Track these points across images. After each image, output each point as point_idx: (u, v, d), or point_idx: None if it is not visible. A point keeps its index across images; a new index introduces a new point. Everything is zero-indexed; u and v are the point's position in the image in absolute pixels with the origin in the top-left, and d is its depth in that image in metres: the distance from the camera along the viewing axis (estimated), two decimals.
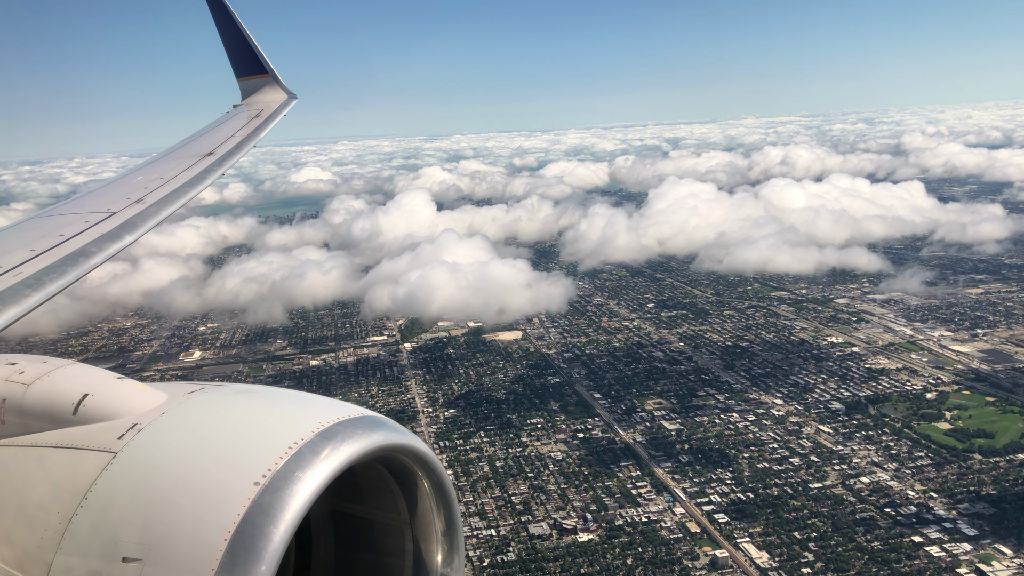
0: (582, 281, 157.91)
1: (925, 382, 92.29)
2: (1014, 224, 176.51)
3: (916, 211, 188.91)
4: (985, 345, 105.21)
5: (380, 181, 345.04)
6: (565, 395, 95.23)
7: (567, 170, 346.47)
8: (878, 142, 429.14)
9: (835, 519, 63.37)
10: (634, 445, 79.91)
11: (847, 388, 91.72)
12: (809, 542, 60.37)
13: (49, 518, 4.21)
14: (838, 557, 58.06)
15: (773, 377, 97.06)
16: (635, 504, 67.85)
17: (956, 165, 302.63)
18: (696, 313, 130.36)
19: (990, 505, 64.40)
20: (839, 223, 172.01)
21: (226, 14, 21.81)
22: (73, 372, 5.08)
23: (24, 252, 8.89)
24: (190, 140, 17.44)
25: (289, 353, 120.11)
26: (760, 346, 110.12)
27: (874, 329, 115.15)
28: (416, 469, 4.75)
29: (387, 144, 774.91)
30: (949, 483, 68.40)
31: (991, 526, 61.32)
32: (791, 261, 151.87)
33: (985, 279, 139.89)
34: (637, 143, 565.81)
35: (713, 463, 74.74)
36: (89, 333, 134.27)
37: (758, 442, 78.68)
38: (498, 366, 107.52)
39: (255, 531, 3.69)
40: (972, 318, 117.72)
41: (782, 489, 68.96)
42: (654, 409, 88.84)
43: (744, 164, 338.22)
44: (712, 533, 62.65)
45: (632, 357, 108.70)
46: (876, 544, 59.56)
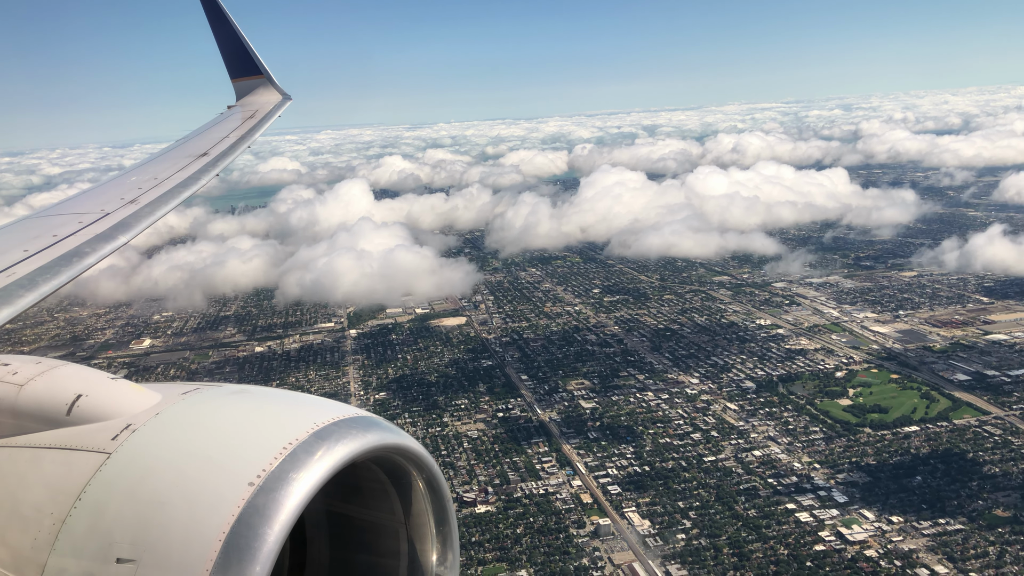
0: (535, 268, 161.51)
1: (838, 361, 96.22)
2: (917, 209, 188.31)
3: (832, 197, 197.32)
4: (904, 326, 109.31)
5: (343, 171, 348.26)
6: (494, 377, 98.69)
7: (526, 159, 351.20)
8: (842, 129, 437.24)
9: (719, 489, 67.16)
10: (549, 423, 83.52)
11: (763, 368, 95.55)
12: (690, 511, 64.15)
13: (43, 519, 4.19)
14: (713, 524, 61.85)
15: (695, 358, 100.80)
16: (537, 478, 71.48)
17: (900, 151, 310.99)
18: (637, 298, 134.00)
19: (866, 474, 68.41)
20: (750, 210, 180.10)
21: (221, 16, 22.22)
22: (67, 372, 5.06)
23: (18, 252, 8.97)
24: (184, 141, 17.65)
25: (237, 340, 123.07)
26: (690, 329, 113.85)
27: (804, 312, 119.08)
28: (411, 469, 4.78)
29: (369, 133, 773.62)
30: (834, 455, 72.35)
31: (862, 493, 65.30)
32: (693, 246, 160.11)
33: (870, 264, 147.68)
34: (614, 131, 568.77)
35: (619, 439, 78.41)
36: (44, 323, 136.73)
37: (665, 419, 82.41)
38: (436, 351, 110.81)
39: (249, 532, 3.71)
40: (899, 300, 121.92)
41: (677, 463, 72.70)
42: (575, 389, 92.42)
43: (698, 152, 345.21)
44: (603, 503, 66.36)
45: (566, 340, 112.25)
46: (752, 512, 63.42)
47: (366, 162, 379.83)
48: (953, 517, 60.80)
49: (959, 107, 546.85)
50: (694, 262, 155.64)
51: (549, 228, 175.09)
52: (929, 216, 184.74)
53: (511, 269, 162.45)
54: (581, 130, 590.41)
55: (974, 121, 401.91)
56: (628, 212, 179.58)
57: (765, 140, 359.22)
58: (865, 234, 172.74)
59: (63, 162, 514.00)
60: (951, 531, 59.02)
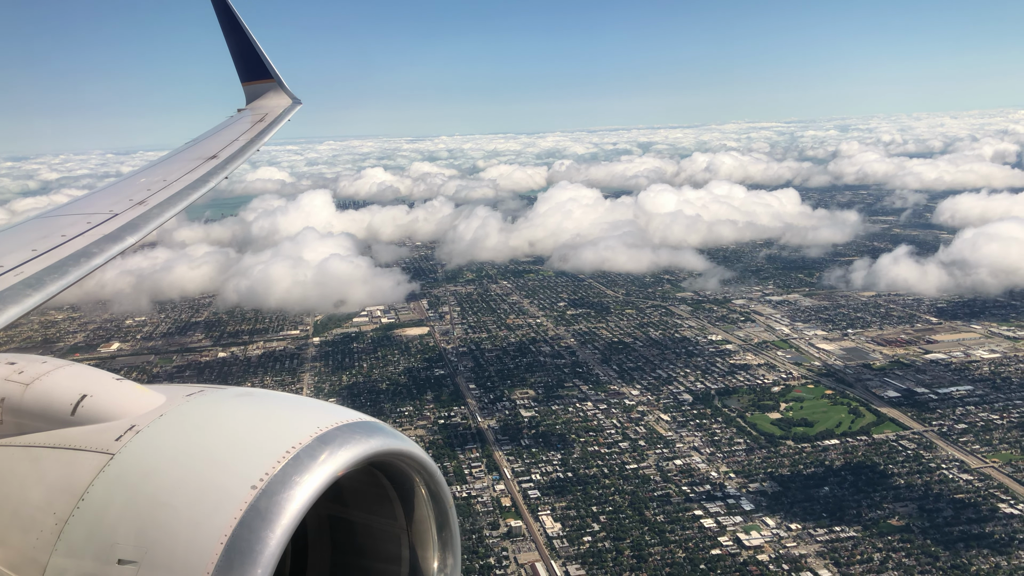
0: (506, 281, 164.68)
1: (777, 376, 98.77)
2: (853, 230, 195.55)
3: (777, 217, 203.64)
4: (850, 344, 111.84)
5: (326, 181, 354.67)
6: (444, 386, 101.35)
7: (505, 173, 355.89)
8: (826, 150, 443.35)
9: (634, 496, 69.70)
10: (486, 431, 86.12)
11: (704, 381, 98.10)
12: (602, 515, 66.65)
13: (45, 519, 4.21)
14: (621, 528, 64.35)
15: (641, 371, 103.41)
16: (463, 482, 74.04)
17: (867, 173, 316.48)
18: (599, 311, 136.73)
19: (777, 484, 70.87)
20: (691, 228, 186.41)
21: (233, 20, 22.31)
22: (72, 373, 5.10)
23: (26, 252, 9.00)
24: (194, 143, 17.73)
25: (204, 345, 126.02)
26: (643, 342, 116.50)
27: (756, 328, 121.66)
28: (414, 475, 4.78)
29: (370, 144, 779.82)
30: (752, 466, 74.80)
31: (769, 502, 67.75)
32: (627, 260, 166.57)
33: (789, 280, 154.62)
34: (609, 147, 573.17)
35: (550, 446, 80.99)
36: (18, 324, 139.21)
37: (599, 428, 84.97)
38: (393, 359, 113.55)
39: (251, 535, 3.73)
40: (852, 318, 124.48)
41: (600, 470, 75.23)
42: (519, 399, 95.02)
43: (673, 170, 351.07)
44: (520, 507, 68.90)
45: (521, 352, 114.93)
46: (660, 517, 65.92)
47: (350, 174, 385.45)
48: (849, 525, 63.22)
49: (952, 130, 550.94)
50: (629, 276, 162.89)
51: (496, 241, 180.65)
52: (862, 236, 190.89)
53: (483, 281, 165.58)
54: (577, 146, 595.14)
55: (954, 145, 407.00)
56: (576, 227, 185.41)
57: (739, 160, 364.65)
58: (796, 252, 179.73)
59: (63, 167, 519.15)
60: (844, 538, 61.46)
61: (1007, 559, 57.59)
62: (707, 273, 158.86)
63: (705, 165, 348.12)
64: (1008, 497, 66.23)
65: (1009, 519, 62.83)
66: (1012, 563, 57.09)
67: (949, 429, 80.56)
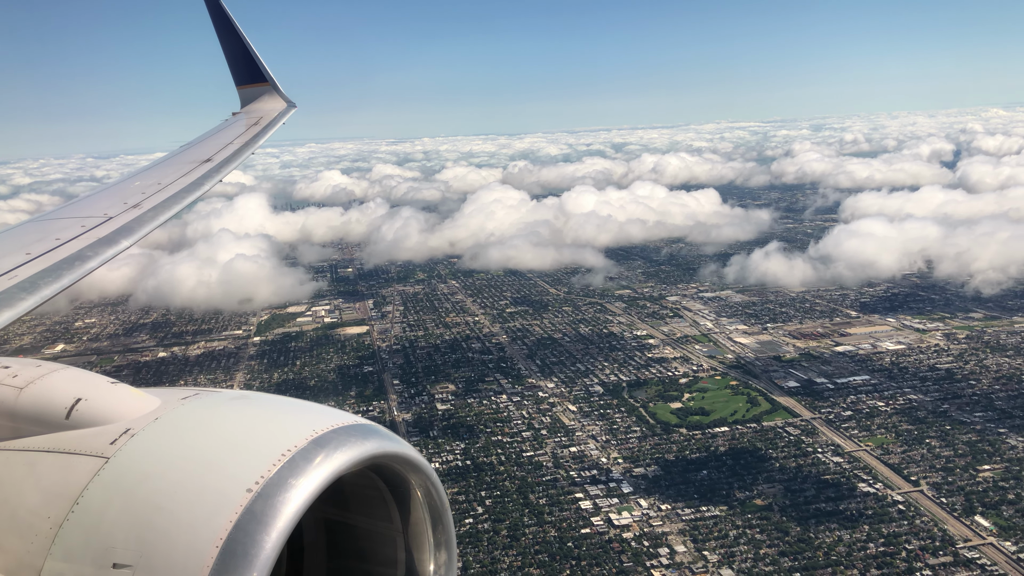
0: (455, 280, 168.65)
1: (688, 368, 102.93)
2: (758, 227, 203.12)
3: (691, 216, 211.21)
4: (767, 337, 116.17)
5: (284, 184, 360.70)
6: (369, 382, 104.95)
7: (460, 175, 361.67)
8: (784, 149, 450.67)
9: (523, 481, 73.53)
10: (400, 423, 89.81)
11: (618, 374, 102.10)
12: (488, 499, 70.44)
13: (40, 523, 4.20)
14: (502, 510, 68.15)
15: (562, 365, 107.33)
16: None
17: (806, 172, 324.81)
18: (538, 309, 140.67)
19: (660, 469, 74.86)
20: (602, 227, 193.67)
21: (228, 24, 22.39)
22: (67, 376, 5.07)
23: (20, 255, 8.96)
24: (188, 147, 17.84)
25: (147, 346, 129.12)
26: (571, 338, 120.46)
27: (682, 323, 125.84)
28: (410, 478, 4.80)
29: (349, 147, 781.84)
30: (641, 452, 78.76)
31: (647, 485, 71.73)
32: (532, 259, 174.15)
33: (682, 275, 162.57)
34: (583, 148, 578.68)
35: (457, 437, 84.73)
36: None
37: (507, 419, 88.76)
38: (327, 357, 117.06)
39: (247, 538, 3.74)
40: (776, 313, 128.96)
41: (499, 457, 79.05)
42: (438, 393, 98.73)
43: (622, 171, 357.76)
44: None
45: (453, 348, 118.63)
46: (542, 500, 69.76)
47: (305, 177, 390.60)
48: (715, 505, 67.26)
49: (922, 129, 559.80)
50: (533, 272, 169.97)
51: (416, 242, 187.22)
52: (764, 234, 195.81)
53: (431, 281, 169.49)
54: (551, 147, 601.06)
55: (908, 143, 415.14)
56: (496, 228, 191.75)
57: (685, 161, 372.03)
58: (696, 249, 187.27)
59: (38, 172, 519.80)
60: (708, 517, 65.46)
61: (850, 532, 61.77)
62: (598, 270, 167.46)
63: (652, 166, 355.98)
64: (868, 477, 70.49)
65: (864, 497, 67.05)
66: (854, 536, 61.25)
67: (836, 416, 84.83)
